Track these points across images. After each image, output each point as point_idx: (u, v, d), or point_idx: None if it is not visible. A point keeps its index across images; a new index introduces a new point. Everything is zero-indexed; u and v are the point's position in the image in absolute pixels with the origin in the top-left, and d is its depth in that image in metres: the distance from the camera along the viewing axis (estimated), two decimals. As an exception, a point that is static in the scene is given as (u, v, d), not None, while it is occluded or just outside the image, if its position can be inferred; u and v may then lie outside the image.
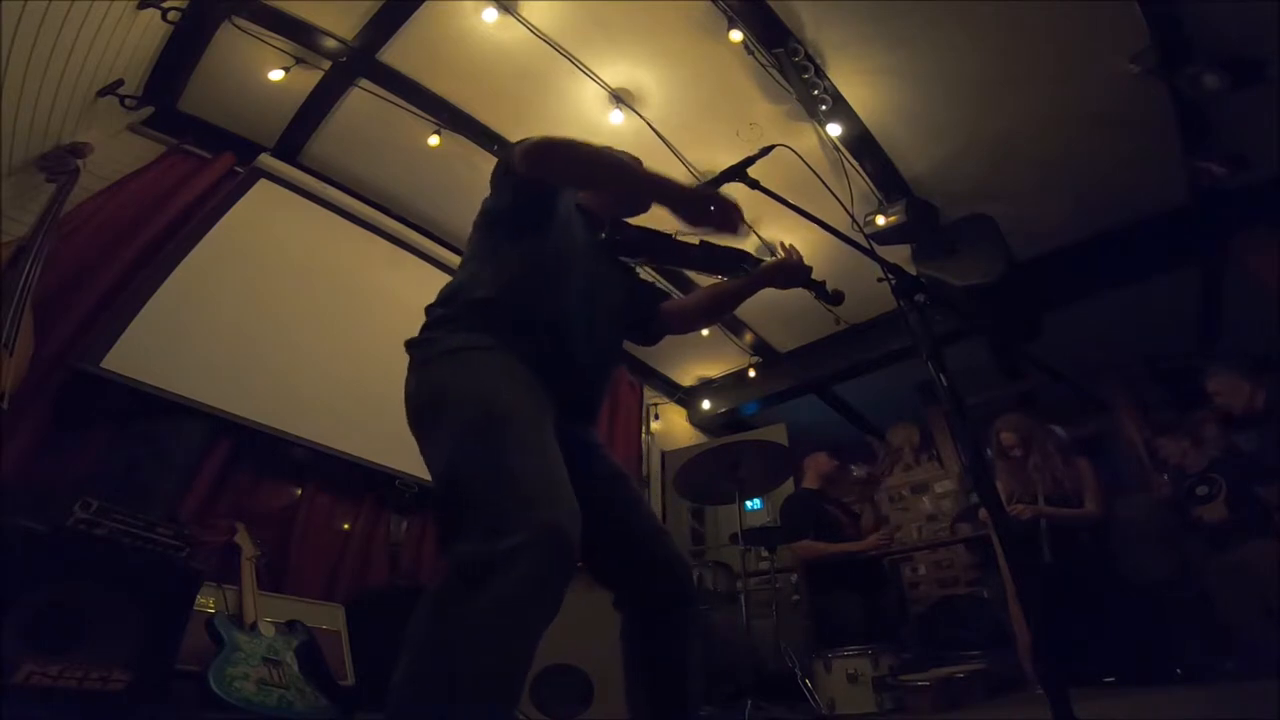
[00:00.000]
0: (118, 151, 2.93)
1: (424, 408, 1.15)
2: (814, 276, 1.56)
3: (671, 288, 3.93)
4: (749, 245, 3.83)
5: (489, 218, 1.35)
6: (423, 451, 1.14)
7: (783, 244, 1.60)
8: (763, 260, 1.56)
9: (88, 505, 1.85)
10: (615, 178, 1.35)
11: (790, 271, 1.53)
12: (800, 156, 1.63)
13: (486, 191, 1.40)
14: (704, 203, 1.25)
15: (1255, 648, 2.44)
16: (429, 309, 1.29)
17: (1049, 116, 3.15)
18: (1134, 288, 3.94)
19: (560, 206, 1.35)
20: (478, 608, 0.88)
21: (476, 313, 1.21)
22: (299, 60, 2.99)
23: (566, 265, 1.30)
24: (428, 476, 1.09)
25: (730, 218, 1.26)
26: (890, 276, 1.29)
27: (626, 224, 1.49)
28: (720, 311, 1.66)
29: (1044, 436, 3.15)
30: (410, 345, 1.25)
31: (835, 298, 1.55)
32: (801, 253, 1.58)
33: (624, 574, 1.28)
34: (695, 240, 1.43)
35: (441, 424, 1.09)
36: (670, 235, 1.47)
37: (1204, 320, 4.43)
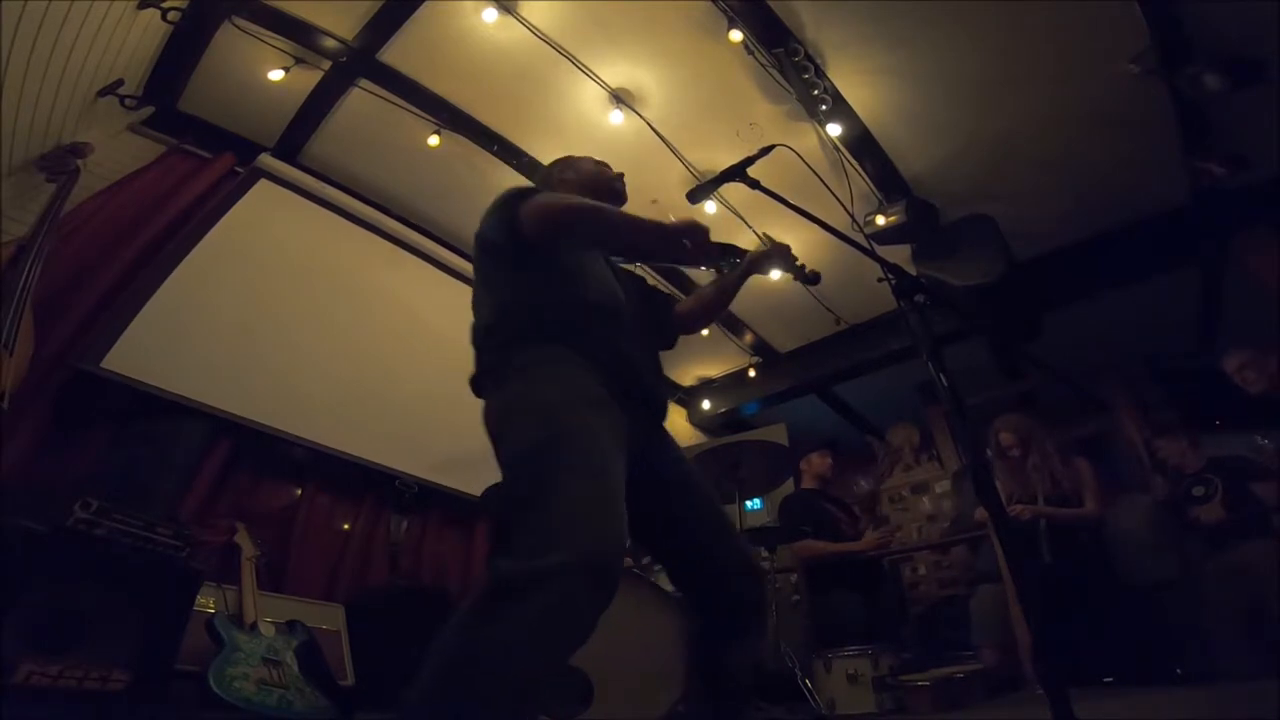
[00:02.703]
0: (118, 151, 2.93)
1: (495, 424, 1.18)
2: (801, 264, 1.60)
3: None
4: (749, 247, 3.83)
5: (498, 249, 1.35)
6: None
7: (766, 235, 1.64)
8: (748, 250, 1.60)
9: (88, 505, 1.85)
10: (625, 239, 1.35)
11: (772, 257, 1.58)
12: (800, 156, 1.64)
13: (486, 192, 1.41)
14: (691, 233, 1.25)
15: (1252, 648, 2.44)
16: (477, 345, 1.30)
17: (1049, 116, 3.15)
18: (1134, 288, 3.93)
19: None
20: (506, 626, 0.89)
21: (527, 329, 1.24)
22: (299, 60, 2.99)
23: (585, 274, 1.36)
24: (427, 476, 1.12)
25: (697, 230, 1.27)
26: (890, 276, 1.29)
27: None
28: (721, 305, 1.71)
29: (1043, 437, 3.15)
30: (478, 379, 1.27)
31: (812, 278, 1.59)
32: (796, 250, 1.61)
33: (695, 579, 1.33)
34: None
35: (507, 440, 1.12)
36: None
37: (1204, 320, 4.43)
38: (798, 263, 1.58)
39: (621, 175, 1.65)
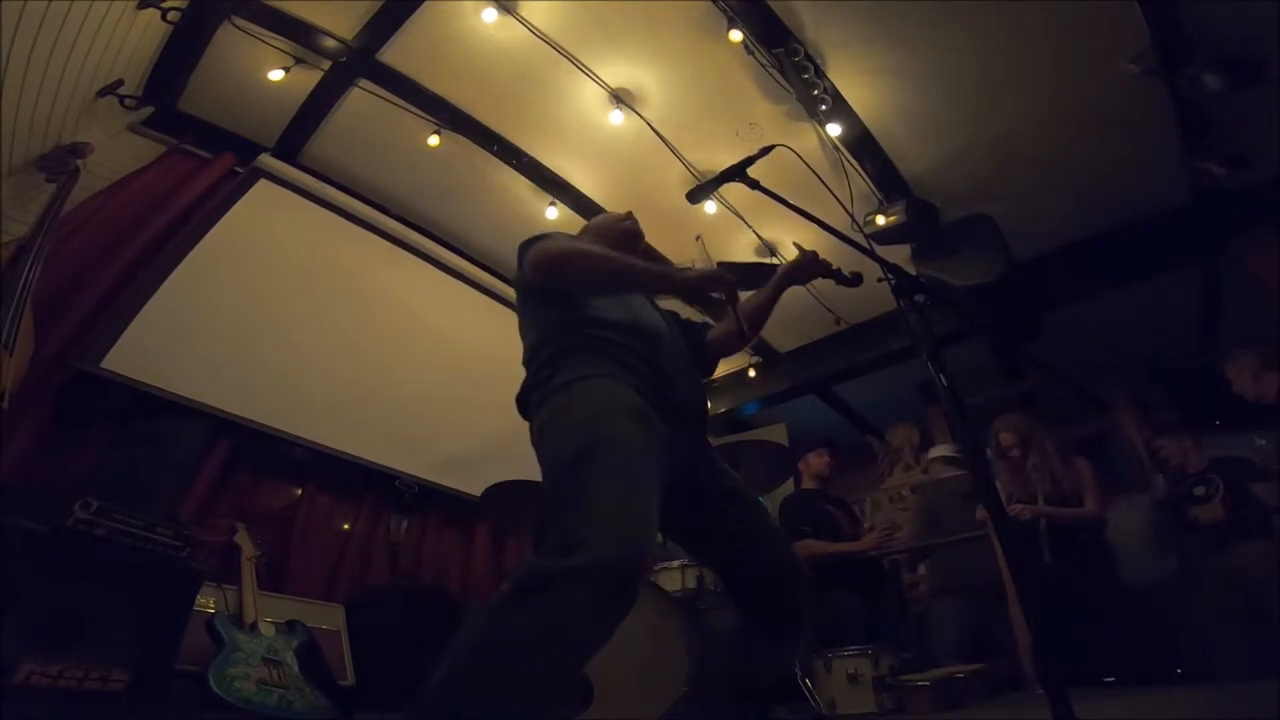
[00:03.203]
0: (118, 151, 2.93)
1: (538, 438, 1.23)
2: (837, 267, 1.59)
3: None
4: (749, 247, 3.83)
5: (530, 292, 1.43)
6: None
7: (795, 244, 1.64)
8: (776, 265, 1.60)
9: (88, 505, 1.85)
10: (617, 282, 1.42)
11: (807, 267, 1.57)
12: (800, 156, 1.64)
13: (486, 192, 1.43)
14: (703, 283, 1.33)
15: (1252, 648, 2.44)
16: (527, 366, 1.37)
17: (1049, 116, 3.15)
18: (1134, 288, 3.93)
19: None
20: (510, 625, 0.91)
21: (567, 348, 1.29)
22: (299, 60, 2.99)
23: (619, 297, 1.41)
24: (427, 476, 1.13)
25: (726, 282, 1.34)
26: (890, 276, 1.29)
27: None
28: (758, 324, 1.67)
29: (1043, 437, 3.15)
30: (525, 397, 1.33)
31: (853, 280, 1.57)
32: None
33: (735, 582, 1.38)
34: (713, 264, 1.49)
35: (548, 448, 1.17)
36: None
37: (1204, 320, 4.43)
38: (834, 266, 1.57)
39: (630, 214, 1.67)
